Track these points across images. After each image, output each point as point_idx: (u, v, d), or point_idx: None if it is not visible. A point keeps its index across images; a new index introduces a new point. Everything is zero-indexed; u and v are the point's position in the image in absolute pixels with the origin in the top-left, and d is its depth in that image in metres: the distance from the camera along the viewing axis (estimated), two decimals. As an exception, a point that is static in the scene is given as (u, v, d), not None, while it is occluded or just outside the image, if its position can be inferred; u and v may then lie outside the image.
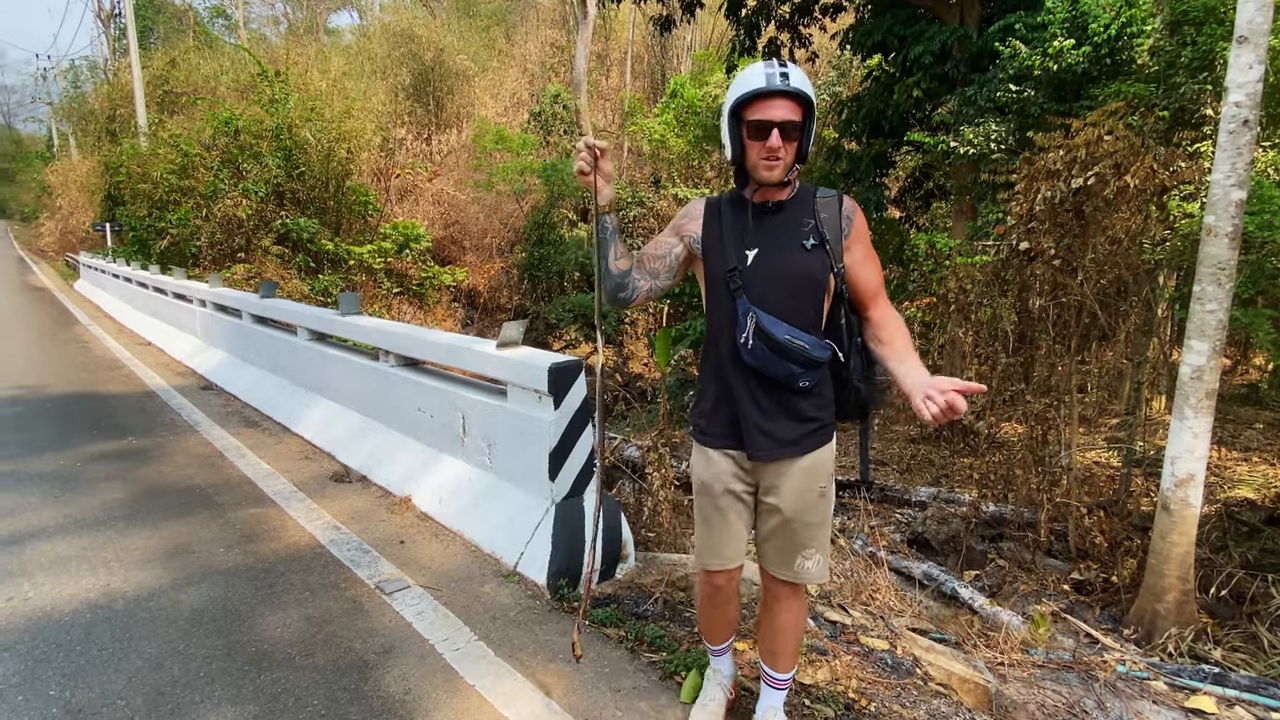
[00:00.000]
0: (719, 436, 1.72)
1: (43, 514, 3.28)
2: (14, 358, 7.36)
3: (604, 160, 1.61)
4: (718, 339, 1.69)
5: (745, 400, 1.66)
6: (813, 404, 1.68)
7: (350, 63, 22.43)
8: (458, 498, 3.38)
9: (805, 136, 1.58)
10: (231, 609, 2.52)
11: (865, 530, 4.85)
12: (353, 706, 2.02)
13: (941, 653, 3.13)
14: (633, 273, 1.70)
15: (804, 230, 1.64)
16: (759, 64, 1.55)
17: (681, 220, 1.75)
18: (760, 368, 1.60)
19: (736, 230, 1.66)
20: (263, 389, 5.67)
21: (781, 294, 1.62)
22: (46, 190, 30.10)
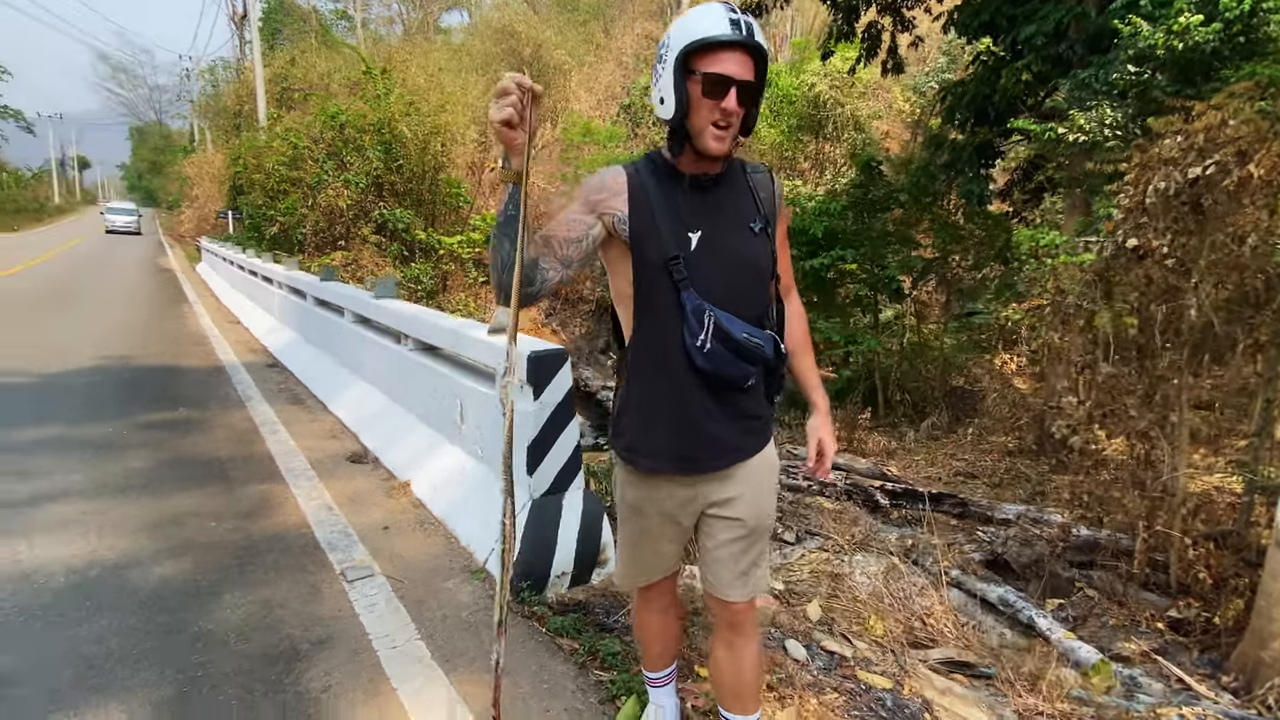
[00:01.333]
0: (656, 457, 1.47)
1: (69, 478, 3.45)
2: (117, 330, 8.01)
3: (534, 110, 1.24)
4: (654, 338, 1.42)
5: (694, 408, 1.43)
6: (755, 400, 1.51)
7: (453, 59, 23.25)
8: (450, 488, 3.29)
9: (758, 94, 1.34)
10: (194, 586, 2.52)
11: (936, 546, 4.49)
12: (265, 699, 1.94)
13: (961, 696, 2.77)
14: (540, 261, 1.36)
15: (746, 210, 1.44)
16: (716, 4, 1.29)
17: (598, 195, 1.41)
18: (715, 371, 1.39)
19: (671, 208, 1.38)
20: (314, 368, 5.85)
21: (733, 285, 1.41)
22: (186, 181, 33.05)
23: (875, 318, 9.35)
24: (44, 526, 2.90)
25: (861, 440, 6.89)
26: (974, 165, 8.40)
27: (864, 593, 3.78)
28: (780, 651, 2.50)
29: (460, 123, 16.76)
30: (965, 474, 5.87)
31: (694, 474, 1.48)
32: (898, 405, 8.42)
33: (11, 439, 3.95)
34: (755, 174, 1.48)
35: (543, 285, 1.37)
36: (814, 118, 16.95)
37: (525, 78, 1.22)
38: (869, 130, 17.10)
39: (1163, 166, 3.72)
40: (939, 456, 6.31)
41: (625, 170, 1.43)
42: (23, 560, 2.63)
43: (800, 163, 17.69)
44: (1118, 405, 4.19)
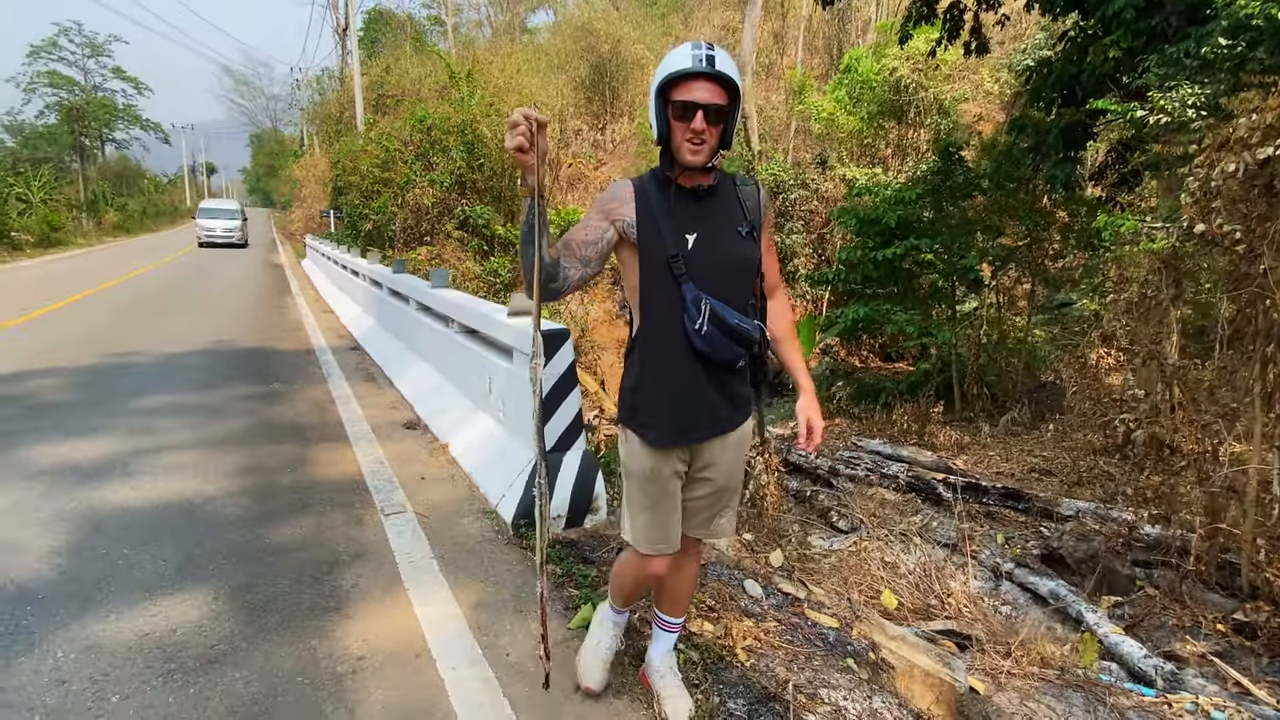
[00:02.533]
0: (665, 430, 1.71)
1: (184, 434, 4.27)
2: (227, 318, 9.18)
3: (542, 138, 1.46)
4: (659, 326, 1.68)
5: (696, 385, 1.69)
6: (742, 381, 1.77)
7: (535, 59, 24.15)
8: (478, 448, 3.86)
9: (729, 122, 1.60)
10: (268, 514, 3.20)
11: (1001, 541, 4.64)
12: (308, 588, 2.55)
13: (913, 644, 3.07)
14: (562, 261, 1.62)
15: (735, 216, 1.69)
16: (686, 45, 1.57)
17: (610, 203, 1.68)
18: (711, 353, 1.64)
19: (669, 214, 1.65)
20: (386, 350, 6.63)
21: (724, 279, 1.66)
22: (295, 183, 35.83)
23: (953, 309, 9.13)
24: (165, 468, 3.68)
25: (933, 434, 6.83)
26: (1060, 148, 7.96)
27: (889, 572, 3.99)
28: (734, 587, 2.91)
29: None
30: (1041, 471, 5.84)
31: (691, 443, 1.74)
32: (975, 399, 8.29)
33: (141, 404, 4.86)
34: (744, 187, 1.74)
35: (565, 282, 1.63)
36: (895, 103, 16.56)
37: (532, 110, 1.46)
38: (955, 114, 16.57)
39: (1234, 148, 3.57)
40: (1015, 453, 6.28)
41: (633, 183, 1.70)
42: (150, 491, 3.39)
43: (881, 150, 17.35)
44: (1185, 398, 4.11)
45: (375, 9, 40.15)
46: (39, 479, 3.45)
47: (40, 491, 3.31)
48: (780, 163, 17.31)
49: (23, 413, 4.57)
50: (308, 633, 2.28)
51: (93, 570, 2.61)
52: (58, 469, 3.59)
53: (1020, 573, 4.05)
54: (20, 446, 3.91)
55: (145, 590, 2.49)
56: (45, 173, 31.31)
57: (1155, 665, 3.21)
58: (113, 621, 2.29)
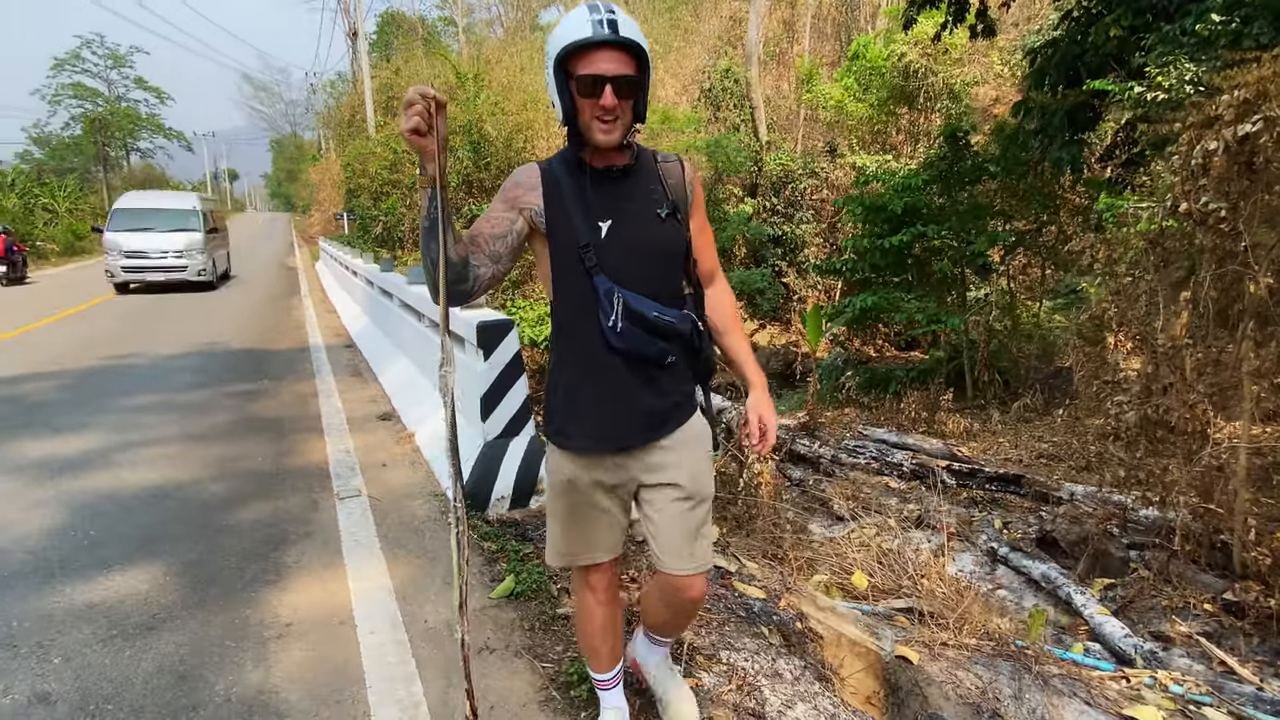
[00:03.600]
0: (586, 436, 1.54)
1: (167, 429, 4.51)
2: (231, 320, 9.49)
3: (440, 120, 1.30)
4: (573, 323, 1.51)
5: (615, 386, 1.51)
6: (677, 377, 1.58)
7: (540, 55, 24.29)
8: (437, 436, 4.04)
9: (641, 94, 1.42)
10: (230, 499, 3.40)
11: (999, 526, 4.70)
12: (254, 563, 2.74)
13: (842, 615, 3.18)
14: (471, 259, 1.45)
15: (654, 198, 1.51)
16: (582, 7, 1.36)
17: (515, 191, 1.50)
18: (629, 349, 1.47)
19: (581, 200, 1.48)
20: (375, 346, 6.85)
21: (643, 269, 1.50)
22: (313, 187, 36.46)
23: (963, 295, 9.06)
24: (145, 460, 3.91)
25: (941, 422, 6.85)
26: (1065, 130, 7.74)
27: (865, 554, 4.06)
28: (663, 561, 3.04)
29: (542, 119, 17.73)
30: (1049, 457, 5.84)
31: (622, 451, 1.54)
32: (987, 386, 8.20)
33: (130, 403, 5.12)
34: (665, 163, 1.56)
35: (476, 282, 1.46)
36: (905, 88, 16.41)
37: (430, 88, 1.28)
38: (966, 98, 16.39)
39: (1214, 126, 3.55)
40: (1025, 439, 6.27)
41: (539, 166, 1.52)
42: (127, 480, 3.61)
43: (893, 136, 17.21)
44: (1175, 378, 4.05)
45: (388, 12, 40.54)
46: (24, 470, 3.70)
47: (24, 482, 3.55)
48: (788, 152, 17.27)
49: (18, 411, 4.86)
50: (244, 603, 2.46)
51: (59, 550, 2.83)
52: (43, 461, 3.84)
53: (1015, 556, 4.10)
54: (11, 441, 4.18)
55: (102, 567, 2.70)
56: (70, 183, 32.25)
57: (1135, 645, 3.25)
58: (66, 594, 2.49)
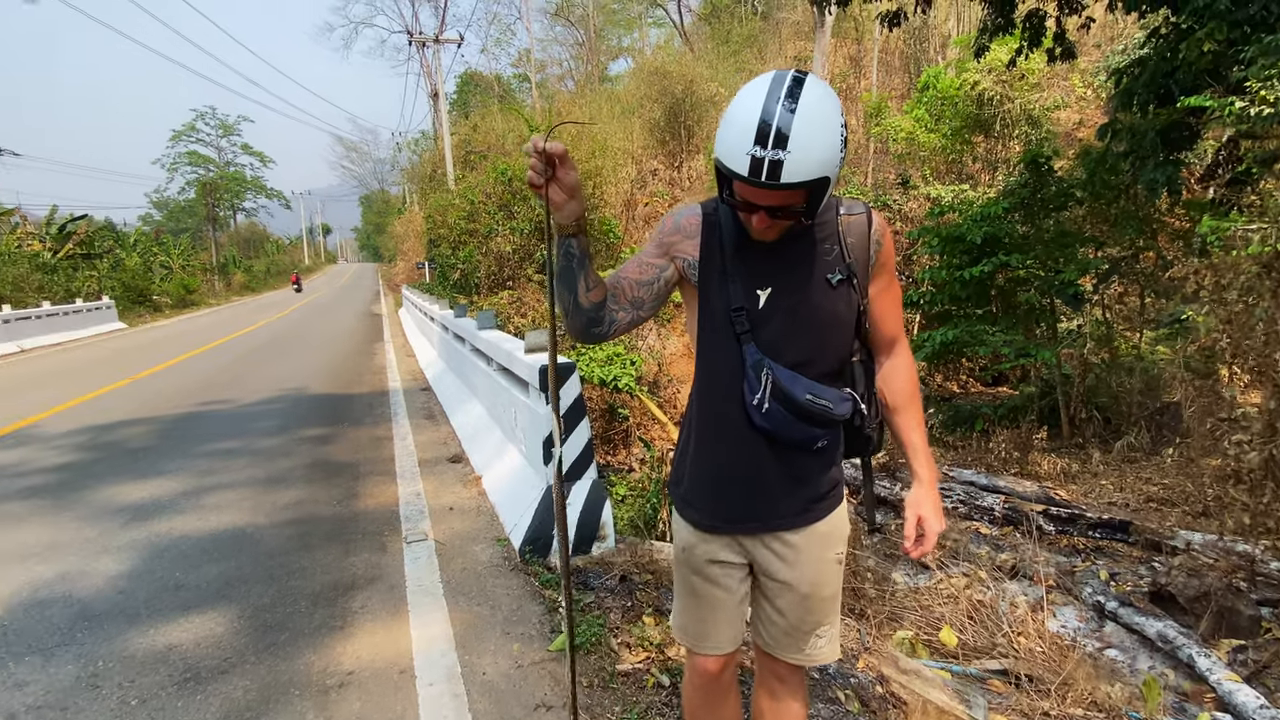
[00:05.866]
0: (709, 513, 1.43)
1: (243, 473, 4.72)
2: (316, 366, 9.98)
3: (564, 169, 1.20)
4: (714, 390, 1.39)
5: (750, 468, 1.38)
6: (825, 463, 1.42)
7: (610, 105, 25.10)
8: (504, 479, 4.05)
9: (813, 203, 1.21)
10: (302, 541, 3.49)
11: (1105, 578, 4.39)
12: (322, 608, 2.78)
13: (931, 681, 2.97)
14: (609, 304, 1.34)
15: (828, 260, 1.33)
16: (750, 124, 1.12)
17: (672, 236, 1.38)
18: (774, 432, 1.33)
19: (744, 260, 1.33)
20: (448, 389, 7.03)
21: (801, 342, 1.33)
22: (397, 238, 38.48)
23: (1053, 327, 8.66)
24: (228, 504, 4.08)
25: (1034, 462, 6.49)
26: (1158, 151, 7.45)
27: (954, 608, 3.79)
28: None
29: (611, 165, 18.17)
30: (1159, 501, 5.40)
31: (746, 535, 1.42)
32: (1085, 424, 7.71)
33: (209, 448, 5.40)
34: (849, 216, 1.35)
35: (611, 326, 1.36)
36: (979, 117, 16.06)
37: (540, 140, 1.18)
38: (1046, 123, 15.89)
39: None
40: (1130, 481, 5.86)
41: (703, 210, 1.37)
42: (211, 523, 3.77)
43: (969, 165, 16.82)
44: None
45: (467, 72, 42.97)
46: (120, 513, 3.92)
47: (120, 523, 3.76)
48: (859, 186, 17.09)
49: (114, 456, 5.20)
50: (309, 649, 2.49)
51: (146, 591, 2.95)
52: (135, 505, 4.07)
53: (1125, 612, 3.76)
54: (108, 486, 4.45)
55: (183, 609, 2.80)
56: (184, 241, 35.22)
57: (1274, 717, 2.88)
58: (149, 636, 2.59)
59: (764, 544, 1.42)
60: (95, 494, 4.29)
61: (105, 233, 30.05)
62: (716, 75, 26.78)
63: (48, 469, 4.90)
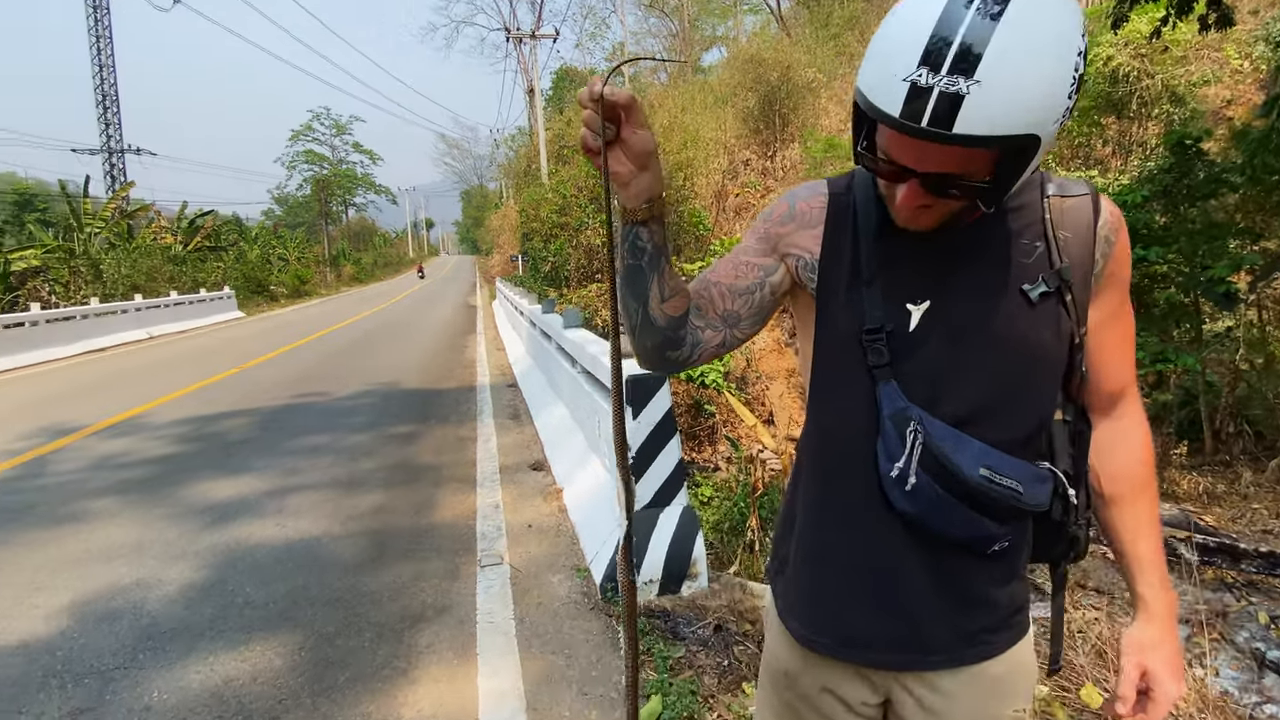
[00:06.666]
0: (817, 626, 0.95)
1: (326, 473, 4.63)
2: (409, 359, 10.10)
3: (630, 127, 0.80)
4: (830, 449, 0.94)
5: (885, 568, 0.90)
6: (1003, 573, 0.92)
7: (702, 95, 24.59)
8: (586, 496, 3.73)
9: (1007, 176, 0.75)
10: (375, 557, 3.29)
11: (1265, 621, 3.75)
12: (386, 644, 2.53)
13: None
14: (692, 319, 0.93)
15: (1027, 264, 0.86)
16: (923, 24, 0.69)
17: (783, 226, 0.95)
18: (923, 521, 0.86)
19: (891, 258, 0.88)
20: (534, 388, 6.83)
21: (976, 386, 0.86)
22: (494, 231, 39.46)
23: (1198, 329, 7.64)
24: (298, 509, 3.97)
25: (1173, 480, 5.72)
26: None
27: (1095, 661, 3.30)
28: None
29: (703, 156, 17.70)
30: None
31: (872, 667, 0.94)
32: (1233, 439, 6.75)
33: (298, 444, 5.39)
34: (1061, 198, 0.88)
35: (695, 350, 0.94)
36: (1112, 95, 14.54)
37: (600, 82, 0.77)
38: (1192, 100, 14.17)
39: None
40: None
41: (830, 190, 0.93)
42: (287, 531, 3.66)
43: (1098, 149, 15.32)
44: None
45: (562, 68, 43.46)
46: (205, 514, 3.88)
47: (202, 525, 3.71)
48: (972, 174, 15.90)
49: (208, 450, 5.27)
50: (368, 697, 2.24)
51: (213, 607, 2.82)
52: (222, 505, 4.02)
53: None
54: (199, 482, 4.47)
55: (247, 631, 2.62)
56: (300, 235, 37.42)
57: None
58: (208, 664, 2.42)
59: (903, 686, 0.94)
60: (186, 490, 4.30)
61: (231, 227, 32.33)
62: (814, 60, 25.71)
63: (149, 460, 5.01)
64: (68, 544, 3.47)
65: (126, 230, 21.88)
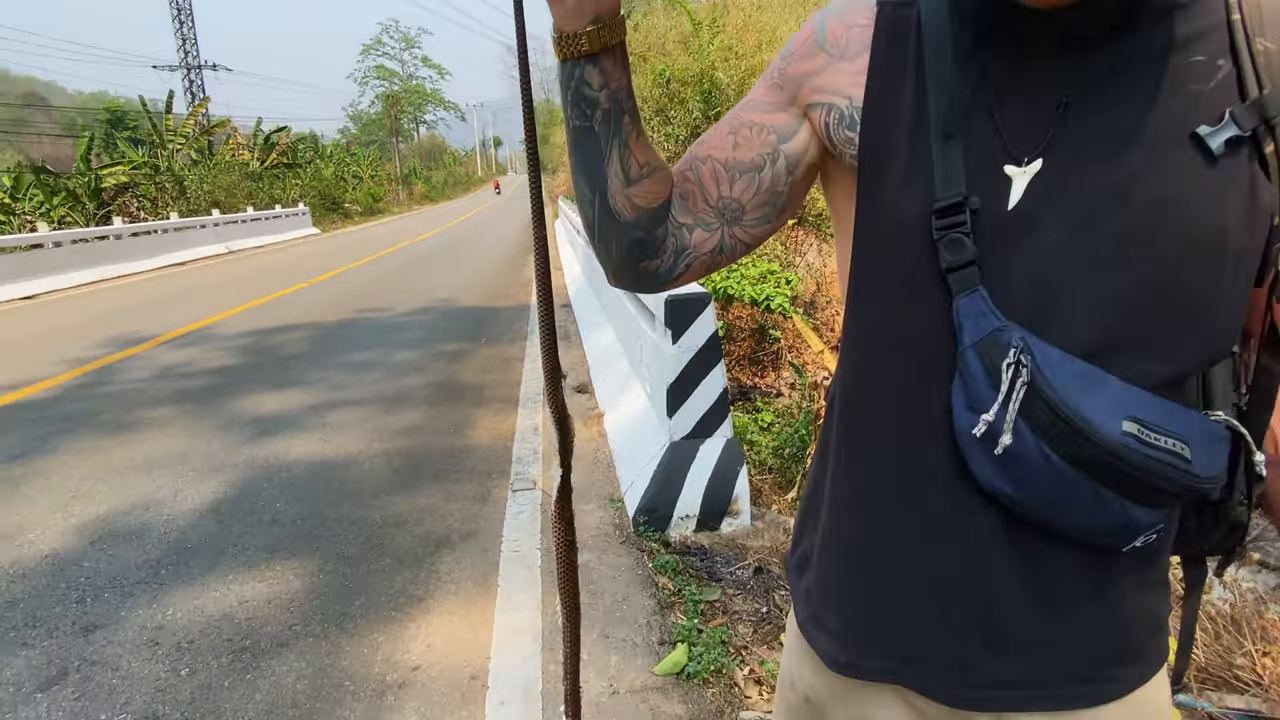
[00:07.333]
0: (860, 646, 0.65)
1: (371, 389, 4.58)
2: (468, 277, 10.03)
3: None
4: (881, 396, 0.61)
5: (959, 574, 0.59)
6: (1139, 579, 0.60)
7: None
8: (626, 422, 3.51)
9: None
10: (410, 478, 3.19)
11: None
12: (406, 569, 2.43)
13: None
14: (675, 214, 0.64)
15: (1201, 92, 0.51)
16: None
17: (807, 61, 0.62)
18: (1025, 503, 0.54)
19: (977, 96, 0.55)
20: (586, 309, 6.60)
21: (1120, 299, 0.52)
22: (558, 148, 38.72)
23: None
24: (340, 424, 3.93)
25: None
26: None
27: None
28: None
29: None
30: None
31: (935, 701, 0.62)
32: None
33: (349, 359, 5.37)
34: None
35: (679, 259, 0.64)
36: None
37: None
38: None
39: None
40: None
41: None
42: (325, 448, 3.61)
43: None
44: None
45: (633, -31, 41.00)
46: (249, 426, 3.89)
47: (245, 437, 3.72)
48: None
49: (265, 364, 5.31)
50: (380, 626, 2.13)
51: (241, 524, 2.78)
52: (267, 418, 4.03)
53: None
54: (250, 394, 4.50)
55: (270, 551, 2.57)
56: (373, 153, 37.73)
57: None
58: (227, 583, 2.37)
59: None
60: (236, 402, 4.33)
61: (307, 144, 32.81)
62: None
63: (208, 371, 5.09)
64: (115, 453, 3.53)
65: (207, 146, 22.47)
